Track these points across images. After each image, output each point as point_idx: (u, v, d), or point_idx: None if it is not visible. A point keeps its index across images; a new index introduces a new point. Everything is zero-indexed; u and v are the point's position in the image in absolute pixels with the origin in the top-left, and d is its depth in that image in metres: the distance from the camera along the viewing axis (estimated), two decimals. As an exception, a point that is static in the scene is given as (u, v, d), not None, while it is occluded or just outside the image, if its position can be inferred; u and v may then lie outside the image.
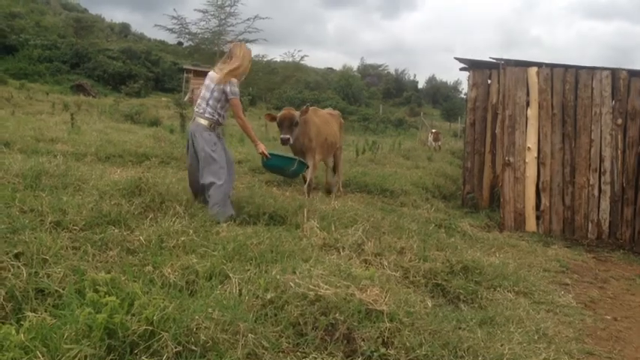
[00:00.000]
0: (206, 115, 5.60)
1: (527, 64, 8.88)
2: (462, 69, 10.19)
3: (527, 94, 8.74)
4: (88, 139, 10.46)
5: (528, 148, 8.63)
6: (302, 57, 45.98)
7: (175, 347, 2.40)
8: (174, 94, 32.90)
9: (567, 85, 8.62)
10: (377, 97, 54.45)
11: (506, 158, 8.70)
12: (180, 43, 44.82)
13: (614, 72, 8.51)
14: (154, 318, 2.41)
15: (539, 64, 8.82)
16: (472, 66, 9.92)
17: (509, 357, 3.22)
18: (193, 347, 2.47)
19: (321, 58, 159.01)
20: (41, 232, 3.70)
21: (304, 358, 2.80)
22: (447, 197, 10.50)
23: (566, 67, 8.73)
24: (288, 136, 6.93)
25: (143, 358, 2.28)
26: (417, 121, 38.96)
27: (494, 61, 9.41)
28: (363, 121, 35.91)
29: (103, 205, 4.61)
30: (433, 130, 21.40)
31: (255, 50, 41.64)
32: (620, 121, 8.37)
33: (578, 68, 8.70)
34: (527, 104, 8.73)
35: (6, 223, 3.68)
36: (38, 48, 38.51)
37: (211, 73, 5.75)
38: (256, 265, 3.77)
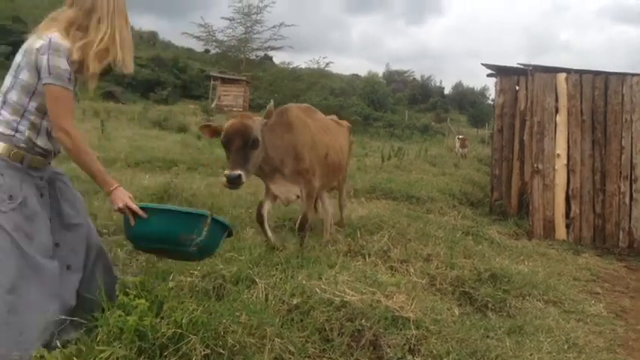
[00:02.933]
0: None
1: (556, 70, 8.77)
2: (489, 75, 10.12)
3: (556, 100, 8.62)
4: (118, 145, 10.66)
5: (557, 154, 8.51)
6: (327, 64, 46.34)
7: (204, 350, 2.43)
8: (201, 101, 33.25)
9: (597, 92, 8.48)
10: (402, 103, 54.22)
11: (535, 165, 8.59)
12: (207, 51, 45.60)
13: (645, 78, 8.35)
14: (183, 321, 2.44)
15: (567, 70, 8.70)
16: (499, 72, 9.84)
17: (539, 366, 3.18)
18: (221, 350, 2.50)
19: (346, 64, 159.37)
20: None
21: (331, 363, 2.80)
22: (474, 204, 10.40)
23: (596, 73, 8.60)
24: (239, 171, 3.85)
25: (172, 360, 2.32)
26: (443, 127, 38.70)
27: (522, 67, 9.33)
28: (388, 127, 35.78)
29: (133, 210, 4.69)
30: (460, 137, 21.16)
31: (281, 57, 42.00)
32: (651, 127, 8.20)
33: (608, 74, 8.56)
34: (556, 110, 8.61)
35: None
36: (70, 56, 39.30)
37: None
38: (282, 271, 3.78)
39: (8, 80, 2.56)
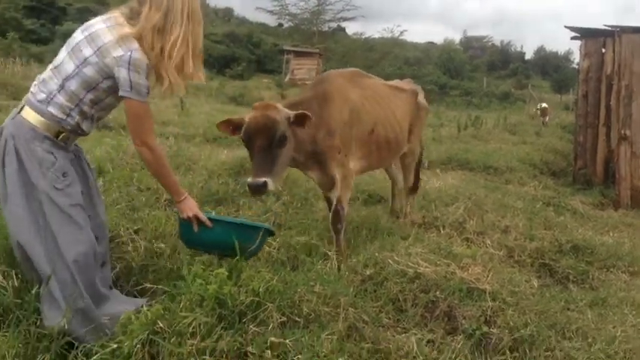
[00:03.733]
0: (49, 107, 2.51)
1: (647, 30, 8.23)
2: (573, 38, 9.63)
3: (647, 62, 8.12)
4: (197, 120, 11.03)
5: (647, 120, 8.05)
6: (401, 32, 45.46)
7: (280, 318, 2.52)
8: (274, 76, 33.60)
9: (693, 51, 7.91)
10: (481, 70, 52.37)
11: (623, 132, 8.18)
12: (280, 25, 45.81)
13: None
14: (260, 290, 2.54)
15: (660, 30, 8.15)
16: (584, 34, 9.33)
17: (622, 340, 3.06)
18: (297, 318, 2.57)
19: (422, 32, 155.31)
20: (157, 210, 3.97)
21: (404, 333, 2.83)
22: (556, 174, 10.02)
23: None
24: (263, 179, 3.18)
25: (251, 326, 2.41)
26: (524, 94, 37.11)
27: (609, 28, 8.80)
28: (465, 96, 34.80)
29: (212, 183, 4.87)
30: (543, 105, 20.10)
31: (354, 28, 41.53)
32: None
33: None
34: (646, 73, 8.12)
35: (126, 201, 3.99)
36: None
37: (99, 24, 2.56)
38: (355, 245, 3.82)
39: (70, 66, 2.51)
